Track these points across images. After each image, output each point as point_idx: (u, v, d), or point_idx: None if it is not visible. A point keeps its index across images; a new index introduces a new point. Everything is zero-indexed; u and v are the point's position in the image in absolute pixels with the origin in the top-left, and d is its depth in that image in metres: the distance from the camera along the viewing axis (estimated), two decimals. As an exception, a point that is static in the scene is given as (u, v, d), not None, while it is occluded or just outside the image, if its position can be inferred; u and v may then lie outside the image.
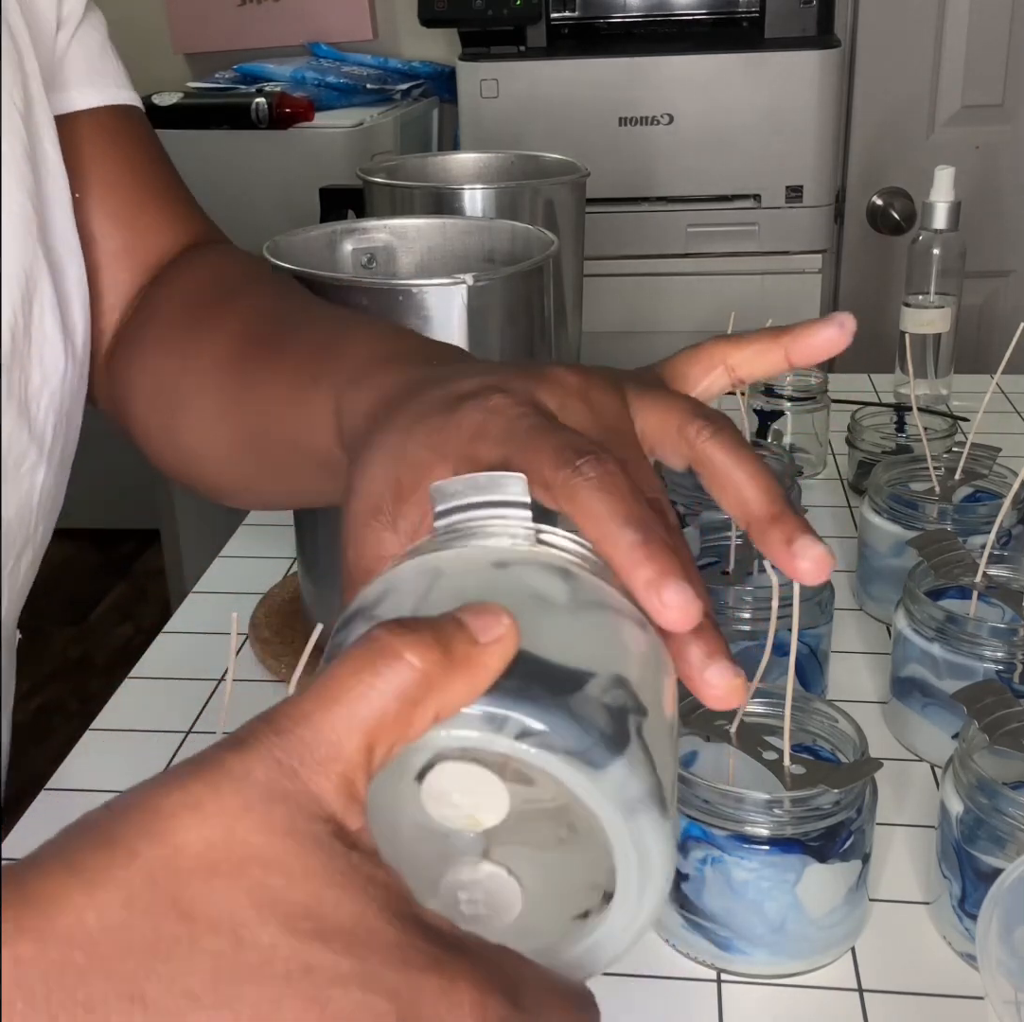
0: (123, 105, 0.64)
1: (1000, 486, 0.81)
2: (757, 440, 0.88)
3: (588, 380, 0.41)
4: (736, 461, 0.39)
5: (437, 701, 0.28)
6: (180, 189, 0.67)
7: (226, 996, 0.25)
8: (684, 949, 0.55)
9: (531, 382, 0.40)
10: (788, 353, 0.43)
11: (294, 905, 0.26)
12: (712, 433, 0.39)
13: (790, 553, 0.37)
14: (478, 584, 0.34)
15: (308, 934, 0.26)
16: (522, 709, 0.29)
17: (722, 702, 0.35)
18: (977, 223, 1.75)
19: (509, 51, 1.74)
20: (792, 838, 0.51)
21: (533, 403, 0.39)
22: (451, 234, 0.78)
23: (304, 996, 0.25)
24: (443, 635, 0.28)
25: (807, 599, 0.68)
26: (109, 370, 0.64)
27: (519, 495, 0.35)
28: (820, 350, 0.43)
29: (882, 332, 1.98)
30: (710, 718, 0.55)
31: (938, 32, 1.91)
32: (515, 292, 0.69)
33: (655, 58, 1.69)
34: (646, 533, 0.34)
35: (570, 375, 0.41)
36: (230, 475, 0.59)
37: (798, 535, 0.37)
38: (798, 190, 1.72)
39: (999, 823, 0.50)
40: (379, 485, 0.40)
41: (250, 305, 0.59)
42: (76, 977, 0.24)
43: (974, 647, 0.64)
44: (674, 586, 0.33)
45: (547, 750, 0.29)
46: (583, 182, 0.98)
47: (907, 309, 1.14)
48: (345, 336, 0.52)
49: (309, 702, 0.27)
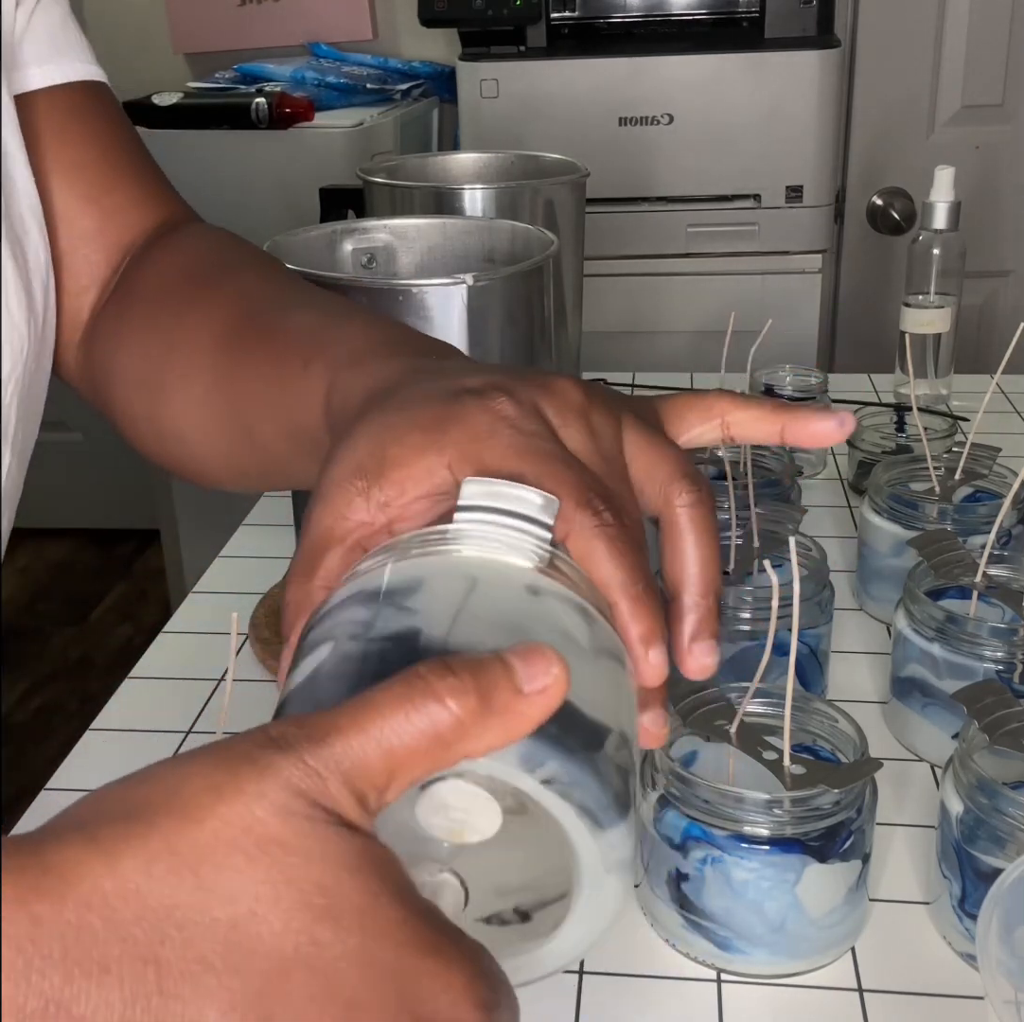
0: (88, 81, 0.63)
1: (1000, 486, 0.81)
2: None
3: (590, 401, 0.42)
4: (699, 539, 0.42)
5: (468, 746, 0.29)
6: (150, 166, 0.66)
7: (237, 964, 0.26)
8: (684, 949, 0.55)
9: (535, 391, 0.41)
10: (784, 430, 0.45)
11: (310, 883, 0.27)
12: (692, 502, 0.42)
13: (687, 648, 0.41)
14: (515, 609, 0.34)
15: (320, 911, 0.27)
16: (558, 758, 0.30)
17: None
18: (977, 223, 1.75)
19: (509, 51, 1.74)
20: (792, 838, 0.51)
21: (537, 413, 0.40)
22: (451, 234, 0.78)
23: (312, 968, 0.26)
24: (487, 681, 0.29)
25: (807, 599, 0.68)
26: (88, 352, 0.63)
27: (547, 518, 0.36)
28: (815, 438, 0.45)
29: (882, 332, 1.99)
30: (710, 718, 0.55)
31: (938, 32, 1.91)
32: (515, 292, 0.69)
33: (655, 58, 1.69)
34: (647, 588, 0.38)
35: (573, 391, 0.42)
36: (215, 458, 0.58)
37: (703, 638, 0.41)
38: (798, 190, 1.72)
39: (999, 823, 0.50)
40: (362, 454, 0.40)
41: (236, 288, 0.59)
42: (92, 938, 0.25)
43: (974, 647, 0.64)
44: (660, 647, 0.38)
45: (567, 800, 0.30)
46: (583, 182, 0.98)
47: (907, 309, 1.14)
48: (339, 322, 0.52)
49: (345, 718, 0.28)
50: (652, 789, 0.54)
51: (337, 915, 0.27)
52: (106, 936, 0.25)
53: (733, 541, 0.71)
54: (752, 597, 0.68)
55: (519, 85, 1.71)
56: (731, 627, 0.68)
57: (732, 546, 0.71)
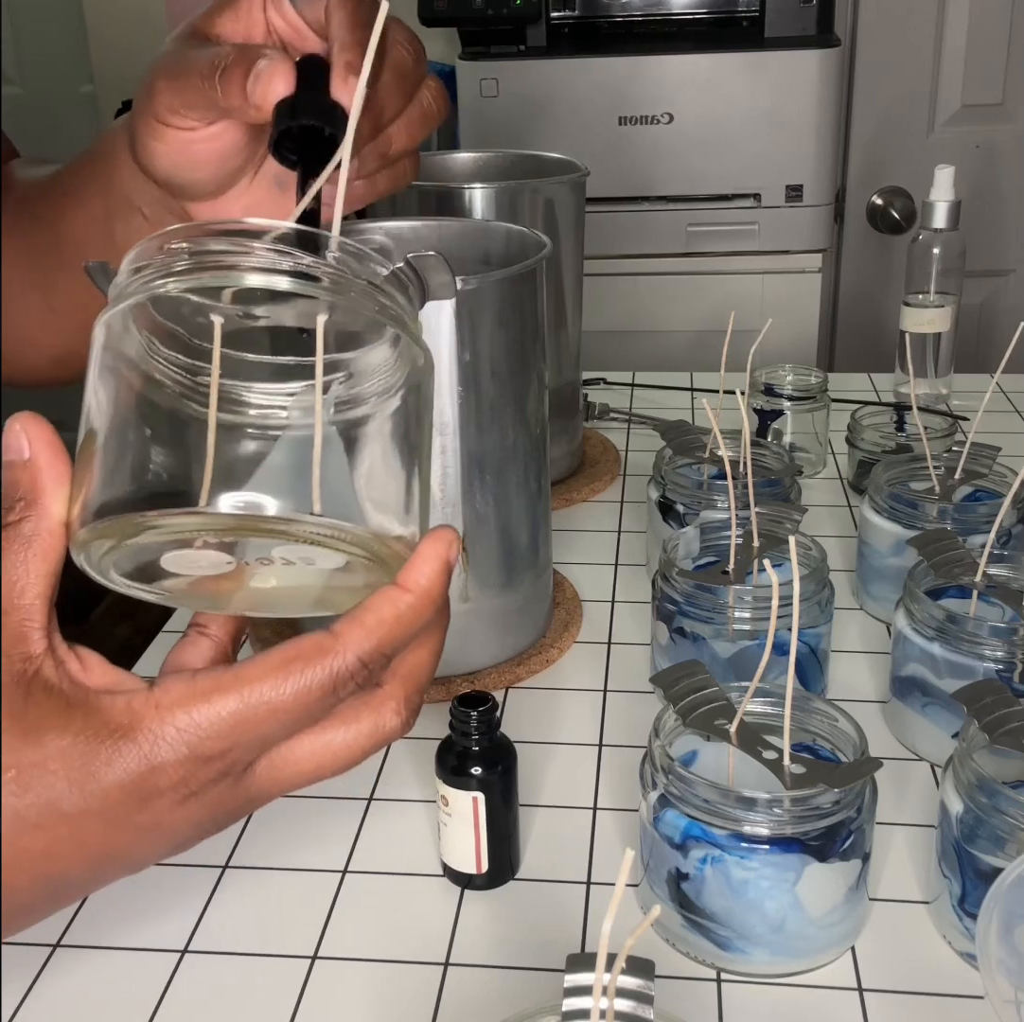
0: None
1: (1000, 485, 0.81)
2: (757, 439, 0.88)
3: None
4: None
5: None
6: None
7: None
8: (684, 949, 0.55)
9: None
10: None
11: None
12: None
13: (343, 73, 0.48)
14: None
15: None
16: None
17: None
18: (977, 223, 1.76)
19: (509, 50, 1.74)
20: (792, 837, 0.51)
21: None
22: (447, 236, 0.78)
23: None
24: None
25: (807, 599, 0.68)
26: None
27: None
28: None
29: (882, 332, 1.99)
30: (710, 717, 0.55)
31: (938, 32, 1.91)
32: (506, 296, 0.69)
33: (655, 57, 1.69)
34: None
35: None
36: (44, 336, 0.64)
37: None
38: (798, 189, 1.72)
39: (999, 822, 0.50)
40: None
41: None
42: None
43: (974, 646, 0.64)
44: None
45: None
46: (583, 181, 0.98)
47: (907, 308, 1.14)
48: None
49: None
50: (652, 788, 0.54)
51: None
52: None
53: (733, 541, 0.71)
54: (752, 597, 0.68)
55: (519, 84, 1.71)
56: (731, 627, 0.68)
57: (732, 546, 0.71)
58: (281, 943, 0.56)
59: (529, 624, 0.78)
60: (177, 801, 0.37)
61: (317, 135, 0.46)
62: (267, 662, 0.37)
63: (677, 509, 0.83)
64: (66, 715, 0.36)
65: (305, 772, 0.40)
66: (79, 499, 0.37)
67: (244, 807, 0.40)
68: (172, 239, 0.37)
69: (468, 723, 0.57)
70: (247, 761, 0.38)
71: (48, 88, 2.31)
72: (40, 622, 0.37)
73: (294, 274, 0.36)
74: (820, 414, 1.05)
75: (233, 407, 0.39)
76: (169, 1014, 0.53)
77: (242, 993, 0.54)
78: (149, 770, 0.36)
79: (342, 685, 0.37)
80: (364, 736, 0.40)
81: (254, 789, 0.39)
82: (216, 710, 0.36)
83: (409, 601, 0.38)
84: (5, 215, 0.63)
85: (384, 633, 0.38)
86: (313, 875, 0.60)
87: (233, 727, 0.36)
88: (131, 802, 0.36)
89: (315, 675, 0.37)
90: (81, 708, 0.36)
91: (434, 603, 0.39)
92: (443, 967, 0.54)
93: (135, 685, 0.38)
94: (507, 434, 0.72)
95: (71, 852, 0.37)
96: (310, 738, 0.39)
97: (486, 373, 0.69)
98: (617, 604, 0.85)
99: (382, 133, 0.51)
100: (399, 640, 0.38)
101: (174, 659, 0.42)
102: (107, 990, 0.54)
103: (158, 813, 0.37)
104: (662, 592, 0.71)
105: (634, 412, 1.19)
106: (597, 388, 1.23)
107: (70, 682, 0.37)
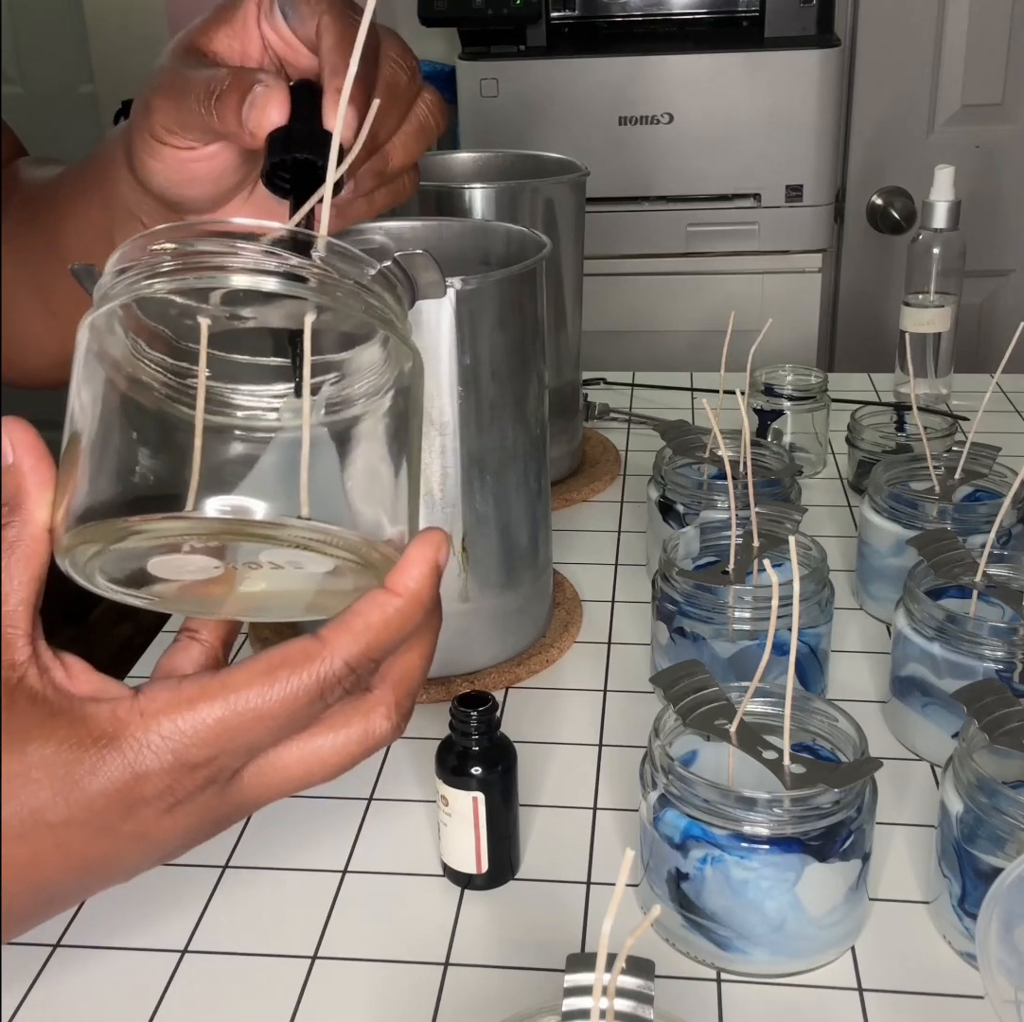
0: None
1: (1000, 485, 0.81)
2: (757, 439, 0.88)
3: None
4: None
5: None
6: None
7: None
8: (684, 949, 0.55)
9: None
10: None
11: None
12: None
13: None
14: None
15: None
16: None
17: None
18: (977, 223, 1.75)
19: (509, 50, 1.74)
20: (792, 837, 0.51)
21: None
22: (446, 236, 0.78)
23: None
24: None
25: (807, 599, 0.68)
26: None
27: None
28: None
29: (882, 332, 1.99)
30: (710, 717, 0.55)
31: (938, 32, 1.91)
32: (505, 296, 0.69)
33: (655, 57, 1.69)
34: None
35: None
36: (46, 339, 0.63)
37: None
38: (798, 189, 1.72)
39: (999, 822, 0.50)
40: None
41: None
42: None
43: (974, 646, 0.64)
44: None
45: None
46: (583, 181, 0.98)
47: (907, 308, 1.14)
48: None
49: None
50: (652, 788, 0.54)
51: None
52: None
53: (733, 541, 0.71)
54: (752, 597, 0.68)
55: (519, 84, 1.71)
56: (731, 627, 0.68)
57: (732, 546, 0.71)
58: (281, 943, 0.56)
59: (529, 624, 0.78)
60: (163, 809, 0.37)
61: (310, 166, 0.45)
62: (253, 668, 0.37)
63: (677, 509, 0.83)
64: (50, 723, 0.36)
65: (294, 778, 0.40)
66: (63, 503, 0.37)
67: (232, 815, 0.40)
68: (157, 240, 0.36)
69: (468, 723, 0.57)
70: (233, 768, 0.38)
71: (48, 88, 2.31)
72: (24, 629, 0.37)
73: (281, 275, 0.35)
74: (820, 414, 1.05)
75: (220, 409, 0.38)
76: (169, 1014, 0.53)
77: (242, 993, 0.54)
78: (134, 778, 0.36)
79: (329, 690, 0.37)
80: (354, 742, 0.40)
81: (241, 796, 0.39)
82: (201, 717, 0.36)
83: (397, 605, 0.38)
84: (8, 215, 0.63)
85: (372, 637, 0.37)
86: (313, 875, 0.60)
87: (219, 734, 0.36)
88: (116, 811, 0.36)
89: (302, 681, 0.36)
90: (65, 716, 0.36)
91: (423, 606, 0.38)
92: (443, 967, 0.54)
93: (120, 692, 0.38)
94: (507, 434, 0.72)
95: (57, 861, 0.37)
96: (298, 744, 0.39)
97: (486, 373, 0.69)
98: (617, 604, 0.85)
99: (379, 151, 0.51)
100: (387, 644, 0.38)
101: (165, 664, 0.42)
102: (107, 990, 0.54)
103: (144, 822, 0.37)
104: (662, 592, 0.71)
105: (634, 412, 1.19)
106: (597, 388, 1.23)
107: (54, 690, 0.37)
